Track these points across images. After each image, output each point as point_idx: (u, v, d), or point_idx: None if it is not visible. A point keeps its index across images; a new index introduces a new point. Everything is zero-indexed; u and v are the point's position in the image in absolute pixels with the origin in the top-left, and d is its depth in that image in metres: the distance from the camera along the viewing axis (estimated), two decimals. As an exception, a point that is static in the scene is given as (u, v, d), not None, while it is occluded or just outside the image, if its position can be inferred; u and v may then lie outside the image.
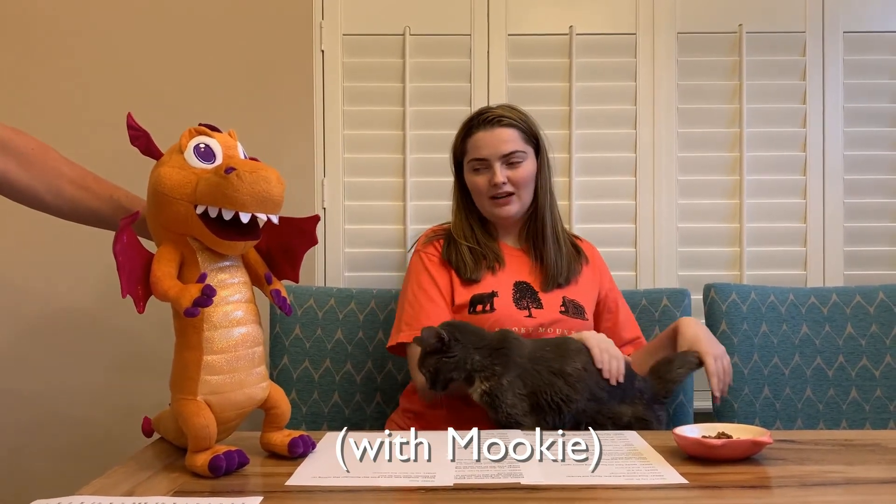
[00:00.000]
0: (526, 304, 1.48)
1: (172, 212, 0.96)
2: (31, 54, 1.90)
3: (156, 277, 0.94)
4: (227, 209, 0.93)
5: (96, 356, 1.90)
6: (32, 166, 1.18)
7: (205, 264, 0.98)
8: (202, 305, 0.91)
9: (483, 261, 1.51)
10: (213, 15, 1.91)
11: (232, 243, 0.96)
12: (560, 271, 1.52)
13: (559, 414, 1.22)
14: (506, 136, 1.50)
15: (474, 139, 1.52)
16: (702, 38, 1.94)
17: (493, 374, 1.22)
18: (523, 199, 1.53)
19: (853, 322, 1.72)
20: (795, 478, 0.94)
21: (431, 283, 1.50)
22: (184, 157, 0.97)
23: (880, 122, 1.95)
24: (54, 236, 1.87)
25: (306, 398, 1.72)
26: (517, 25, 1.93)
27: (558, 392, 1.22)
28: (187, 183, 0.95)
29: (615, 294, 1.62)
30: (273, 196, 0.94)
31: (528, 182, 1.52)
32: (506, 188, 1.50)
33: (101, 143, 1.87)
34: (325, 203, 1.93)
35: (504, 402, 1.21)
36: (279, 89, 1.91)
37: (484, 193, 1.52)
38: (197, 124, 1.01)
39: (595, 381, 1.26)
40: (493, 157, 1.49)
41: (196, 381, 0.95)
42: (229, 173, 0.92)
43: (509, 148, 1.49)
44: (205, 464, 0.93)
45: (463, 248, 1.52)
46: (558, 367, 1.24)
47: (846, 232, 1.93)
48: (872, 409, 1.68)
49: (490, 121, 1.51)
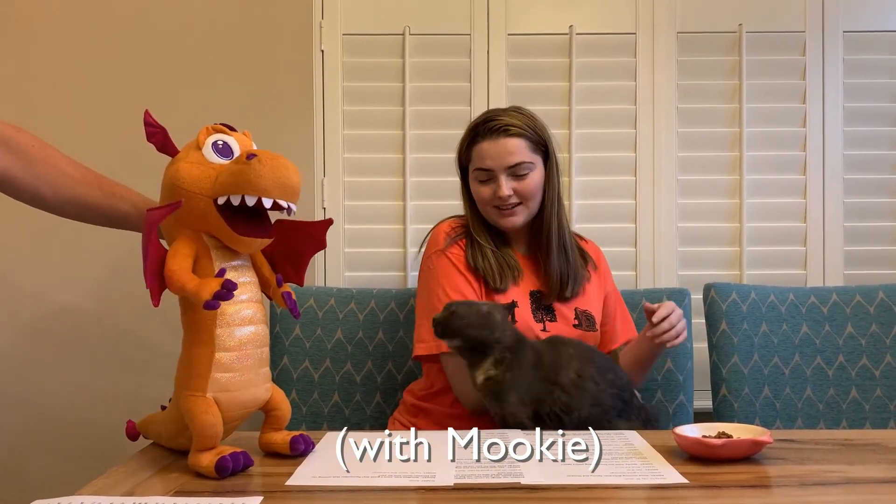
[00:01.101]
0: (541, 317, 1.46)
1: (191, 206, 0.96)
2: (31, 53, 1.90)
3: (171, 271, 0.93)
4: (250, 195, 0.93)
5: (96, 356, 1.90)
6: (33, 164, 1.18)
7: (218, 262, 0.98)
8: (223, 299, 0.90)
9: (507, 270, 1.46)
10: (213, 15, 1.91)
11: (248, 240, 0.97)
12: (566, 284, 1.48)
13: (560, 424, 1.20)
14: (512, 148, 1.43)
15: (479, 148, 1.45)
16: (701, 38, 1.94)
17: (503, 361, 1.21)
18: (530, 209, 1.47)
19: (853, 322, 1.72)
20: (795, 477, 0.94)
21: (467, 284, 1.43)
22: (202, 153, 0.98)
23: (880, 121, 1.94)
24: (54, 235, 1.87)
25: (306, 398, 1.72)
26: (517, 25, 1.93)
27: (556, 402, 1.21)
28: (206, 178, 0.96)
29: (616, 295, 1.62)
30: (293, 184, 0.95)
31: (535, 193, 1.46)
32: (511, 200, 1.44)
33: (101, 141, 1.87)
34: (324, 203, 1.93)
35: (508, 399, 1.20)
36: (279, 89, 1.91)
37: (488, 203, 1.47)
38: (201, 124, 1.02)
39: (594, 385, 1.23)
40: (498, 168, 1.43)
41: (206, 377, 0.95)
42: (251, 159, 0.92)
43: (515, 160, 1.43)
44: (211, 464, 0.93)
45: (487, 251, 1.46)
46: (554, 374, 1.22)
47: (846, 231, 1.93)
48: (872, 408, 1.68)
49: (496, 130, 1.44)
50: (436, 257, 1.48)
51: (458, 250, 1.47)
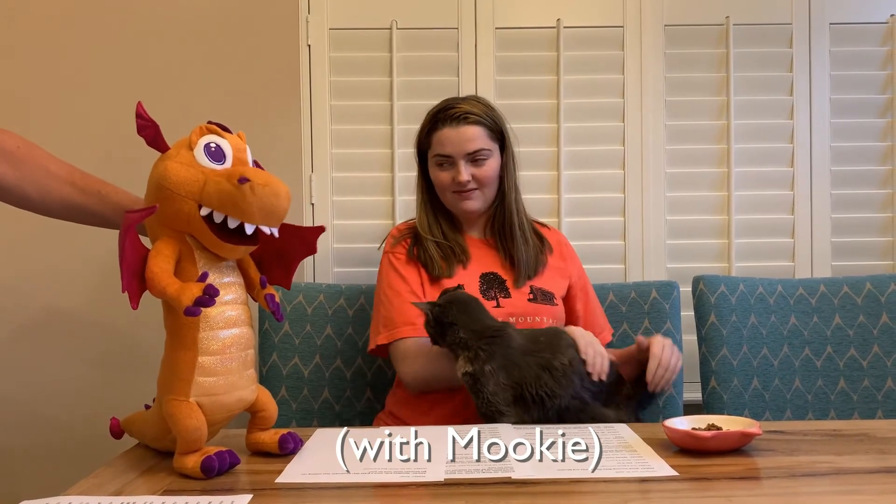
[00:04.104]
0: (494, 295, 1.49)
1: (175, 208, 0.94)
2: (17, 49, 1.88)
3: (152, 273, 0.91)
4: (234, 218, 0.92)
5: (82, 356, 1.89)
6: (20, 165, 1.17)
7: (202, 263, 0.96)
8: (204, 305, 0.89)
9: (452, 256, 1.52)
10: (199, 10, 1.90)
11: (232, 247, 0.95)
12: (529, 266, 1.53)
13: (542, 408, 1.22)
14: (471, 135, 1.49)
15: (439, 135, 1.50)
16: (689, 31, 1.94)
17: (477, 357, 1.23)
18: (487, 196, 1.53)
19: (841, 313, 1.73)
20: (785, 468, 0.95)
21: (402, 282, 1.50)
22: (193, 154, 0.95)
23: (867, 113, 1.95)
24: (38, 235, 1.85)
25: (296, 395, 1.72)
26: (504, 19, 1.93)
27: (543, 385, 1.22)
28: (194, 181, 0.94)
29: (583, 283, 1.62)
30: (280, 211, 0.94)
31: (492, 179, 1.52)
32: (470, 185, 1.50)
33: (88, 137, 1.85)
34: (313, 199, 1.92)
35: (486, 388, 1.21)
36: (266, 84, 1.90)
37: (447, 188, 1.52)
38: (186, 120, 1.00)
39: (580, 378, 1.25)
40: (457, 154, 1.49)
41: (189, 382, 0.93)
42: (243, 183, 0.90)
43: (474, 146, 1.49)
44: (196, 465, 0.92)
45: (429, 244, 1.53)
46: (546, 360, 1.24)
47: (833, 223, 1.94)
48: (860, 398, 1.69)
49: (456, 117, 1.49)
50: (382, 258, 1.58)
51: (400, 248, 1.55)
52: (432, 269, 1.50)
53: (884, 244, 1.95)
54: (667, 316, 1.73)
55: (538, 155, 1.92)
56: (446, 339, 1.27)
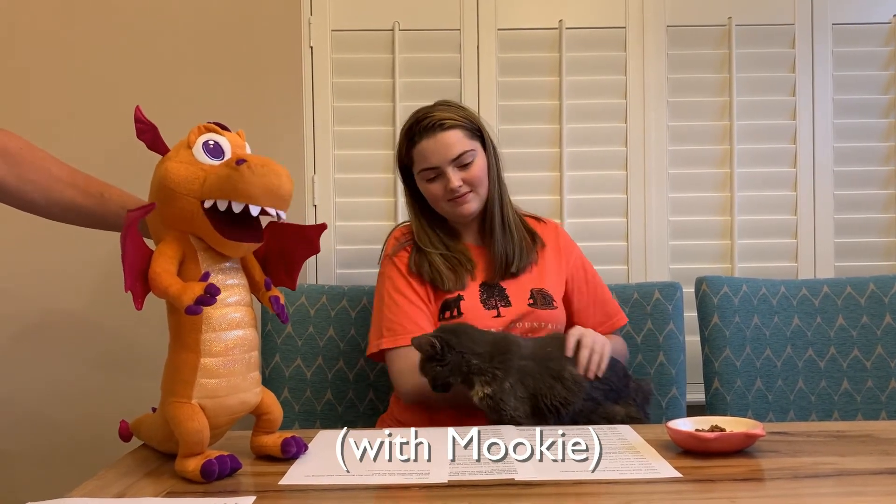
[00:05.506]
0: (494, 304, 1.47)
1: (178, 208, 0.94)
2: (18, 50, 1.88)
3: (155, 273, 0.91)
4: (238, 202, 0.91)
5: (84, 357, 1.89)
6: (22, 167, 1.16)
7: (205, 264, 0.96)
8: (205, 304, 0.89)
9: (460, 266, 1.49)
10: (202, 12, 1.90)
11: (236, 244, 0.95)
12: (511, 261, 1.50)
13: (558, 416, 1.22)
14: (451, 140, 1.46)
15: (419, 148, 1.48)
16: (691, 32, 1.94)
17: (495, 377, 1.22)
18: (481, 195, 1.51)
19: (844, 313, 1.73)
20: (788, 470, 0.95)
21: (408, 286, 1.48)
22: (192, 152, 0.95)
23: (869, 113, 1.95)
24: (39, 236, 1.85)
25: (299, 396, 1.72)
26: (507, 20, 1.93)
27: (557, 396, 1.22)
28: (195, 179, 0.93)
29: (584, 271, 1.60)
30: (283, 191, 0.93)
31: (483, 178, 1.49)
32: (462, 189, 1.47)
33: (90, 139, 1.85)
34: (315, 200, 1.92)
35: (507, 405, 1.20)
36: (268, 86, 1.90)
37: (441, 199, 1.49)
38: (189, 122, 1.00)
39: (591, 382, 1.26)
40: (443, 163, 1.46)
41: (192, 384, 0.93)
42: (240, 164, 0.90)
43: (457, 150, 1.46)
44: (196, 469, 0.92)
45: (434, 257, 1.49)
46: (557, 370, 1.24)
47: (836, 223, 1.94)
48: (864, 399, 1.69)
49: (431, 127, 1.46)
50: (385, 260, 1.54)
51: (404, 255, 1.52)
52: (442, 284, 1.47)
53: (887, 245, 1.94)
54: (669, 317, 1.73)
55: (540, 156, 1.92)
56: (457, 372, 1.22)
